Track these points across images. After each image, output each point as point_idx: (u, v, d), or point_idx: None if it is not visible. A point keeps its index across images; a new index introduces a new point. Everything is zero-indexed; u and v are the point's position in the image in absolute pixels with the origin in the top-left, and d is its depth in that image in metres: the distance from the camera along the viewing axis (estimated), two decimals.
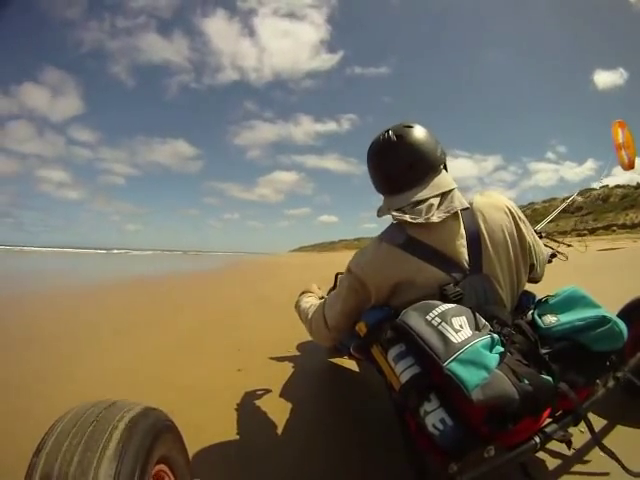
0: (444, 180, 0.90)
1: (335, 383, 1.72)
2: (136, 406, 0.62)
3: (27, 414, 1.33)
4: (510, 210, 0.92)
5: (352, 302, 0.92)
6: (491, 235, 0.86)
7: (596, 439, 0.79)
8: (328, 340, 1.07)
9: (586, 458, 0.98)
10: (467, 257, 0.85)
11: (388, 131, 0.92)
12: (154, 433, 0.61)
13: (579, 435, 0.78)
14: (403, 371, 0.70)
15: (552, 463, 0.98)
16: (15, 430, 1.20)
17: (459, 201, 0.88)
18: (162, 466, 0.65)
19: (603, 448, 0.78)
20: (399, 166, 0.90)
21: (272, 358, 1.98)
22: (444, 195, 0.87)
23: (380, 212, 0.94)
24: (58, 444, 0.54)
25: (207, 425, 1.24)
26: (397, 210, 0.87)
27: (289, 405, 1.42)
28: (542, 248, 1.03)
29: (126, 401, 0.64)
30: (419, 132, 0.91)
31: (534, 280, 1.02)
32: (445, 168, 0.95)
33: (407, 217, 0.85)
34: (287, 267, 14.00)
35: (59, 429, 0.56)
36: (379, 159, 0.94)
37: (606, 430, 1.11)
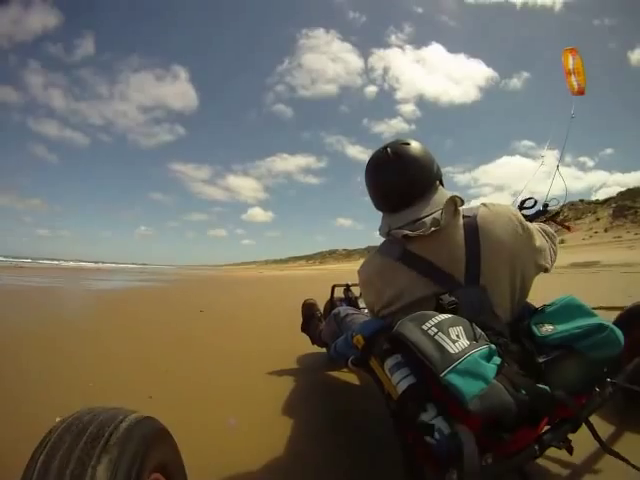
0: (443, 196, 0.90)
1: (334, 395, 1.71)
2: (131, 414, 0.62)
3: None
4: (515, 221, 0.91)
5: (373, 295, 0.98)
6: (491, 247, 0.87)
7: (600, 442, 0.78)
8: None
9: (586, 464, 0.98)
10: (464, 268, 0.85)
11: (386, 148, 0.93)
12: (149, 441, 0.61)
13: (578, 441, 0.78)
14: (400, 381, 0.70)
15: (552, 470, 0.98)
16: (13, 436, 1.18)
17: (458, 214, 0.90)
18: (157, 475, 0.65)
19: (609, 450, 0.78)
20: (398, 184, 0.90)
21: (271, 372, 1.96)
22: (445, 209, 0.87)
23: (381, 231, 0.96)
24: (53, 453, 0.54)
25: (204, 434, 1.23)
26: (397, 229, 0.89)
27: (288, 417, 1.41)
28: (551, 248, 1.01)
29: (121, 409, 0.64)
30: (416, 149, 0.92)
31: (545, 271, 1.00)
32: (441, 183, 0.96)
33: (406, 231, 0.86)
34: None
35: (54, 437, 0.56)
36: (377, 177, 0.95)
37: (606, 436, 1.11)
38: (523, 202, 1.26)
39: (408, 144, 0.92)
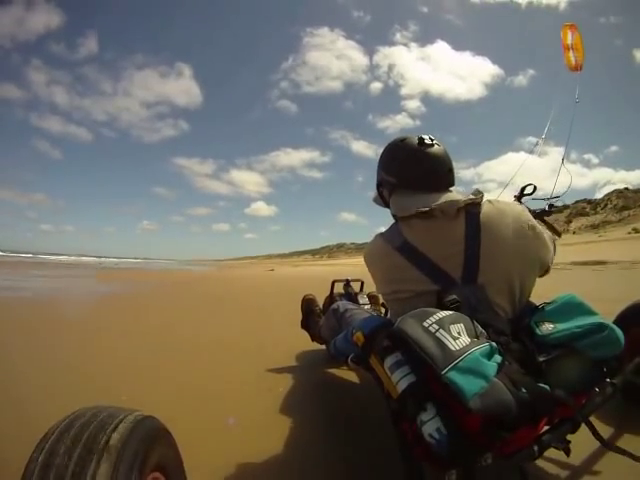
0: (459, 192, 0.96)
1: (333, 393, 1.71)
2: (132, 413, 0.62)
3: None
4: (522, 220, 0.91)
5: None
6: (493, 244, 0.86)
7: (601, 440, 0.78)
8: None
9: (585, 465, 0.98)
10: (462, 265, 0.85)
11: (421, 136, 0.97)
12: (149, 441, 0.61)
13: (578, 441, 0.78)
14: (399, 380, 0.70)
15: (551, 470, 0.97)
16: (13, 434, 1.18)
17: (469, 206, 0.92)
18: (157, 474, 0.65)
19: (611, 447, 0.77)
20: (443, 167, 0.97)
21: (270, 369, 1.96)
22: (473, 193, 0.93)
23: (401, 210, 0.95)
24: (53, 452, 0.53)
25: (203, 433, 1.23)
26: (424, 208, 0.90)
27: (287, 416, 1.41)
28: (552, 248, 1.02)
29: (121, 408, 0.64)
30: None
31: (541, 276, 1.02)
32: None
33: (459, 196, 0.90)
34: None
35: (54, 436, 0.56)
36: (425, 155, 0.96)
37: (606, 436, 1.11)
38: (523, 189, 1.24)
39: None
